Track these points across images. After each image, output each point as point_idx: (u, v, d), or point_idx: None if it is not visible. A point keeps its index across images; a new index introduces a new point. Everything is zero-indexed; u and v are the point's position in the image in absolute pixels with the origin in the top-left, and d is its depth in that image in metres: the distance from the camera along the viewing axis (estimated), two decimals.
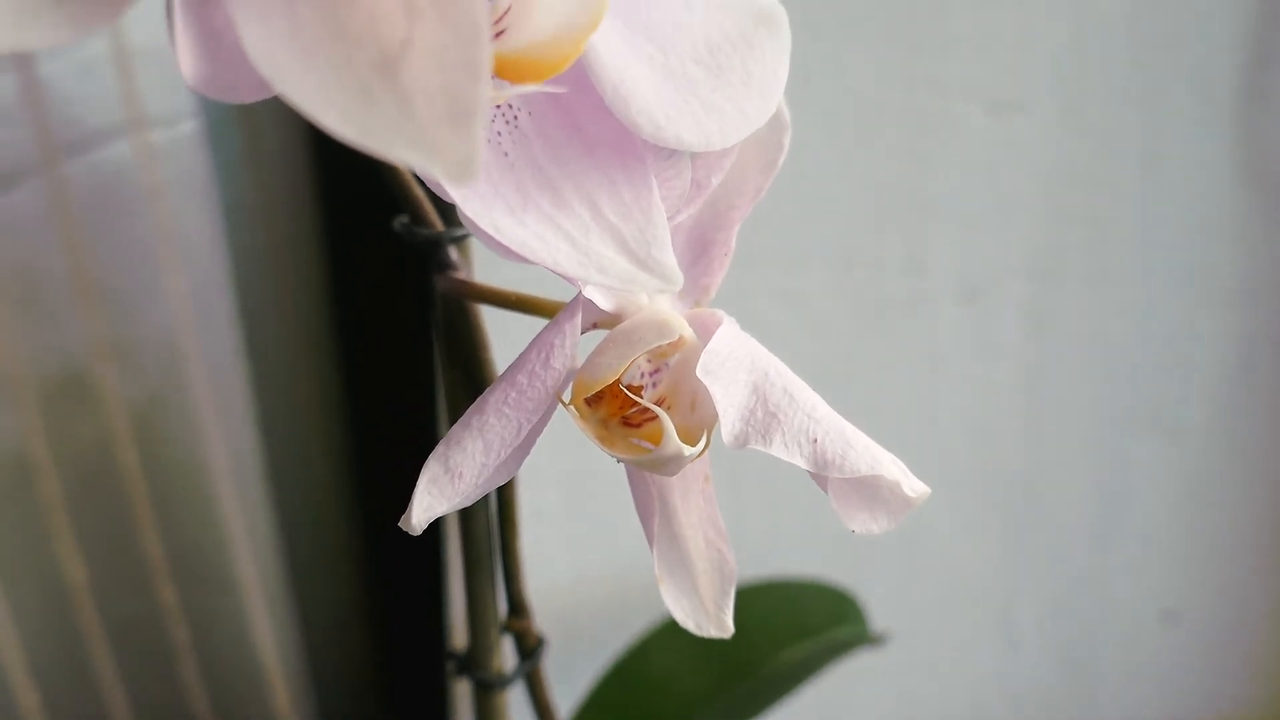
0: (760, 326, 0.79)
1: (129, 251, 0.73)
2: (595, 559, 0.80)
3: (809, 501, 0.38)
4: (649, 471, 0.32)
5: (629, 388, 0.32)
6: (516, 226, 0.27)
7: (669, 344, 0.31)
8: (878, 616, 0.71)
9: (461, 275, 0.37)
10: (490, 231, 0.26)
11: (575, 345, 0.31)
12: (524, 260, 0.27)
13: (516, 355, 0.32)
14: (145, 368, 0.75)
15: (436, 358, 0.41)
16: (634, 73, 0.27)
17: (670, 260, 0.28)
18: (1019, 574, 0.96)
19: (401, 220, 0.39)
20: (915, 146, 0.79)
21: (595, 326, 0.33)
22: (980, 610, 0.97)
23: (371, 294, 0.77)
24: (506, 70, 0.25)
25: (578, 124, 0.28)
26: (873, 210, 0.80)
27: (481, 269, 0.39)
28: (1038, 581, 0.97)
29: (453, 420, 0.38)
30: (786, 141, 0.33)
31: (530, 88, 0.24)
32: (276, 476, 0.79)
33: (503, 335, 0.38)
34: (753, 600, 0.63)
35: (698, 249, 0.34)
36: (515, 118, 0.28)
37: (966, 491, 0.91)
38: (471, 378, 0.37)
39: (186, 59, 0.21)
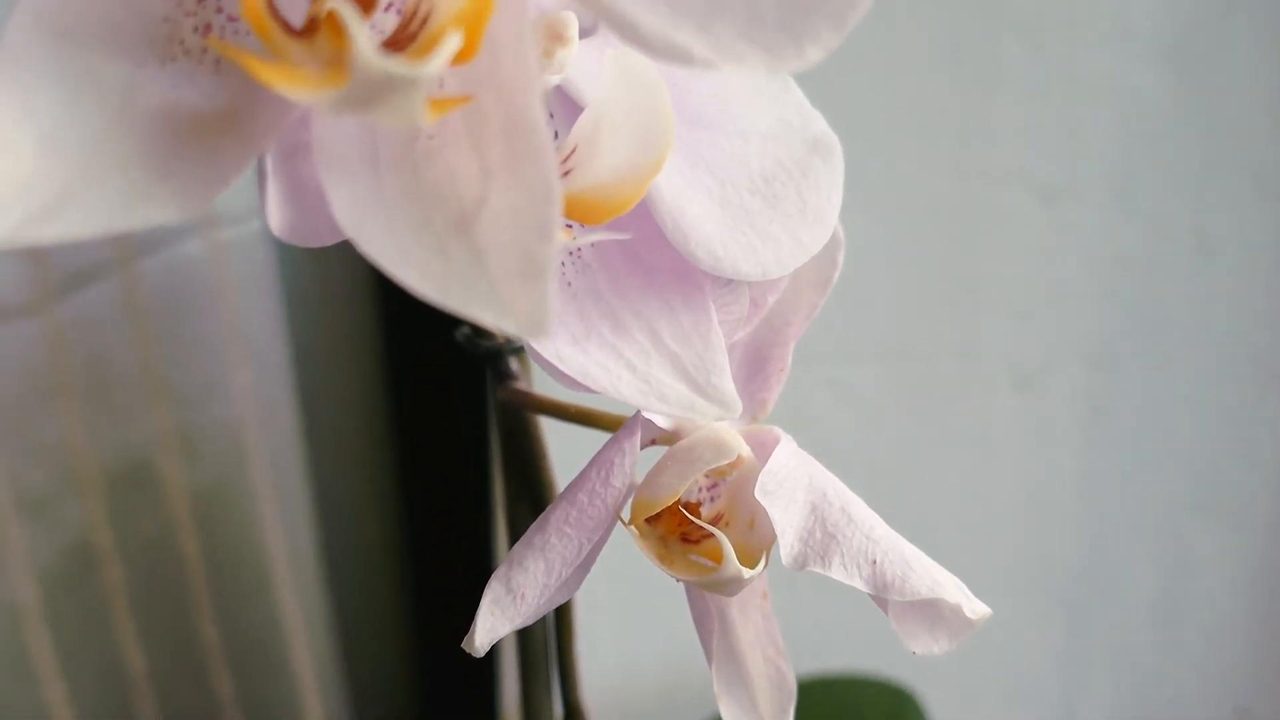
0: (811, 417, 0.79)
1: (196, 345, 0.76)
2: (648, 650, 0.80)
3: (865, 595, 0.38)
4: (708, 591, 0.33)
5: (687, 505, 0.32)
6: (579, 355, 0.27)
7: (727, 463, 0.32)
8: (938, 713, 0.69)
9: (521, 386, 0.38)
10: (554, 361, 0.27)
11: (634, 463, 0.32)
12: (585, 389, 0.28)
13: (576, 466, 0.32)
14: (208, 458, 0.77)
15: (491, 455, 0.41)
16: (692, 205, 0.28)
17: (729, 388, 0.28)
18: (1082, 669, 0.93)
19: (463, 331, 0.40)
20: (965, 235, 0.79)
21: (654, 443, 0.34)
22: (1043, 707, 0.94)
23: (429, 390, 0.78)
24: (571, 209, 0.26)
25: (638, 252, 0.29)
26: (923, 299, 0.80)
27: (541, 380, 0.40)
28: (1102, 677, 0.94)
29: (511, 527, 0.39)
30: (841, 258, 0.34)
31: (595, 236, 0.25)
32: (333, 569, 0.80)
33: (561, 444, 0.39)
34: (811, 698, 0.62)
35: (754, 365, 0.35)
36: (579, 248, 0.29)
37: (1026, 583, 0.89)
38: (531, 488, 0.38)
39: (274, 210, 0.22)
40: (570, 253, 0.29)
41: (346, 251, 0.22)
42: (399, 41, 0.20)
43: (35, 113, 0.18)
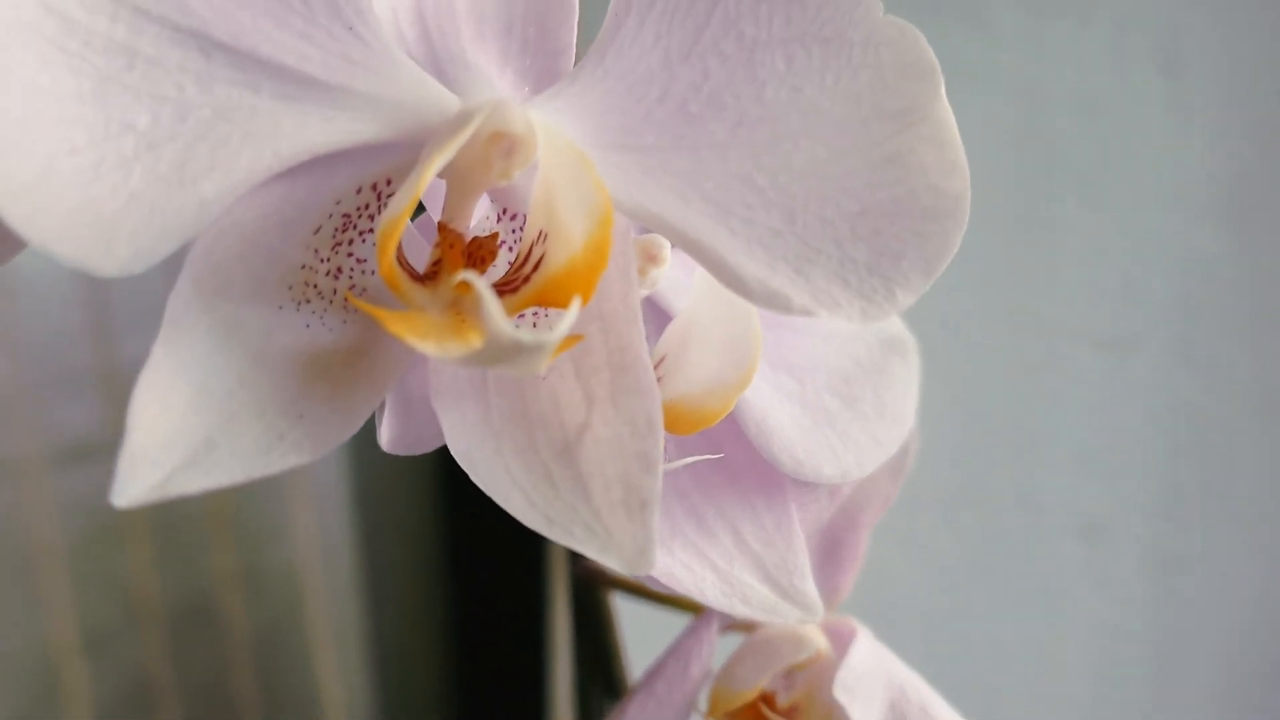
0: (872, 569, 0.78)
1: (260, 486, 0.77)
2: None
3: None
4: None
5: (763, 696, 0.32)
6: (665, 556, 0.28)
7: (805, 658, 0.32)
8: None
9: (597, 564, 0.38)
10: None
11: (712, 653, 0.32)
12: (668, 589, 0.28)
13: (645, 642, 0.33)
14: (267, 598, 0.78)
15: (547, 621, 0.41)
16: (775, 408, 0.29)
17: (811, 591, 0.28)
18: None
19: None
20: (1027, 385, 0.79)
21: (730, 629, 0.34)
22: None
23: (489, 547, 0.79)
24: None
25: (723, 459, 0.30)
26: (986, 448, 0.80)
27: None
28: None
29: (581, 707, 0.38)
30: (914, 448, 0.34)
31: (691, 459, 0.26)
32: (387, 712, 0.80)
33: (630, 620, 0.39)
34: None
35: (828, 551, 0.35)
36: (665, 450, 0.29)
37: None
38: (603, 666, 0.38)
39: (385, 426, 0.24)
40: None
41: None
42: (512, 283, 0.22)
43: (187, 367, 0.19)
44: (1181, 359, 0.82)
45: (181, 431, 0.19)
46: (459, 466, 0.25)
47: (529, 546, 0.73)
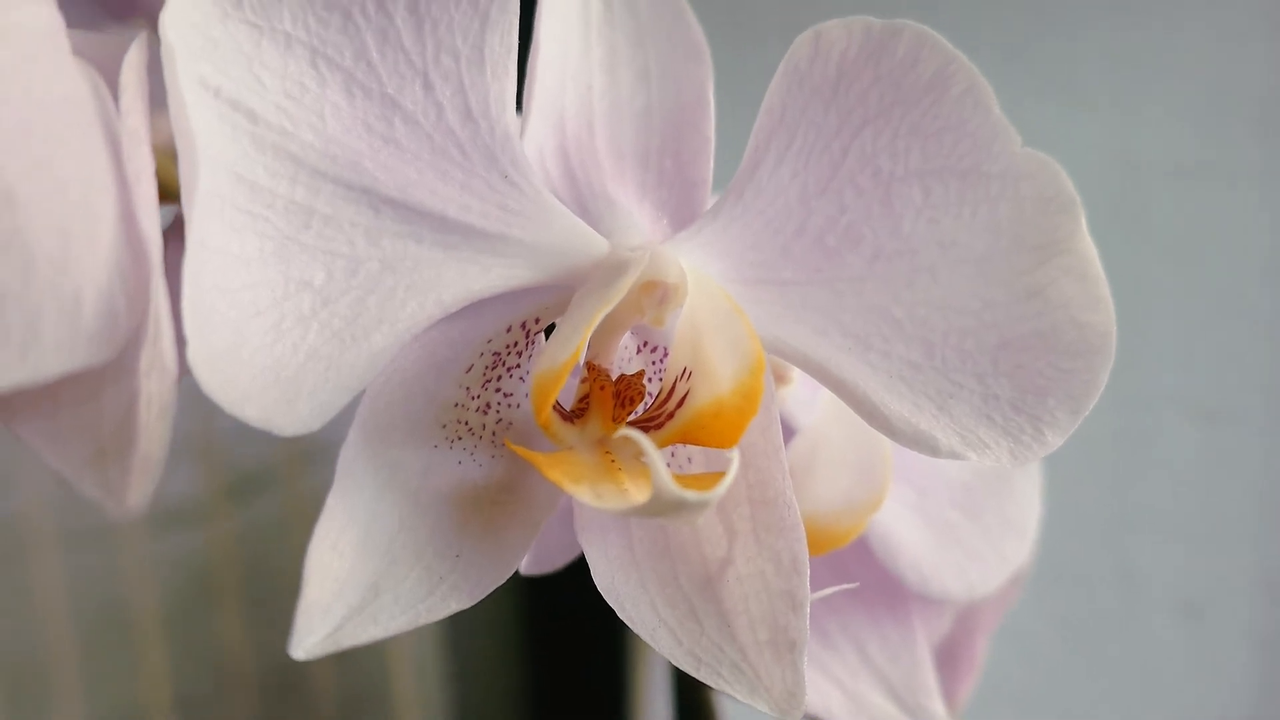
0: None
1: None
2: None
3: None
4: None
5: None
6: None
7: None
8: None
9: None
10: None
11: None
12: None
13: None
14: (355, 665, 0.79)
15: (626, 687, 0.41)
16: (898, 522, 0.29)
17: (940, 709, 0.28)
18: None
19: None
20: (1123, 458, 0.77)
21: None
22: None
23: (570, 618, 0.79)
24: None
25: (845, 567, 0.29)
26: (1079, 523, 0.78)
27: None
28: None
29: None
30: (1030, 558, 0.34)
31: (827, 591, 0.26)
32: None
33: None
34: None
35: (945, 659, 0.34)
36: None
37: None
38: None
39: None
40: None
41: None
42: (656, 419, 0.22)
43: (355, 514, 0.20)
44: None
45: (350, 579, 0.20)
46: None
47: (610, 626, 0.73)
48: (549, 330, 0.23)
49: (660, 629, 0.21)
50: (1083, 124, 0.75)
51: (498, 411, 0.22)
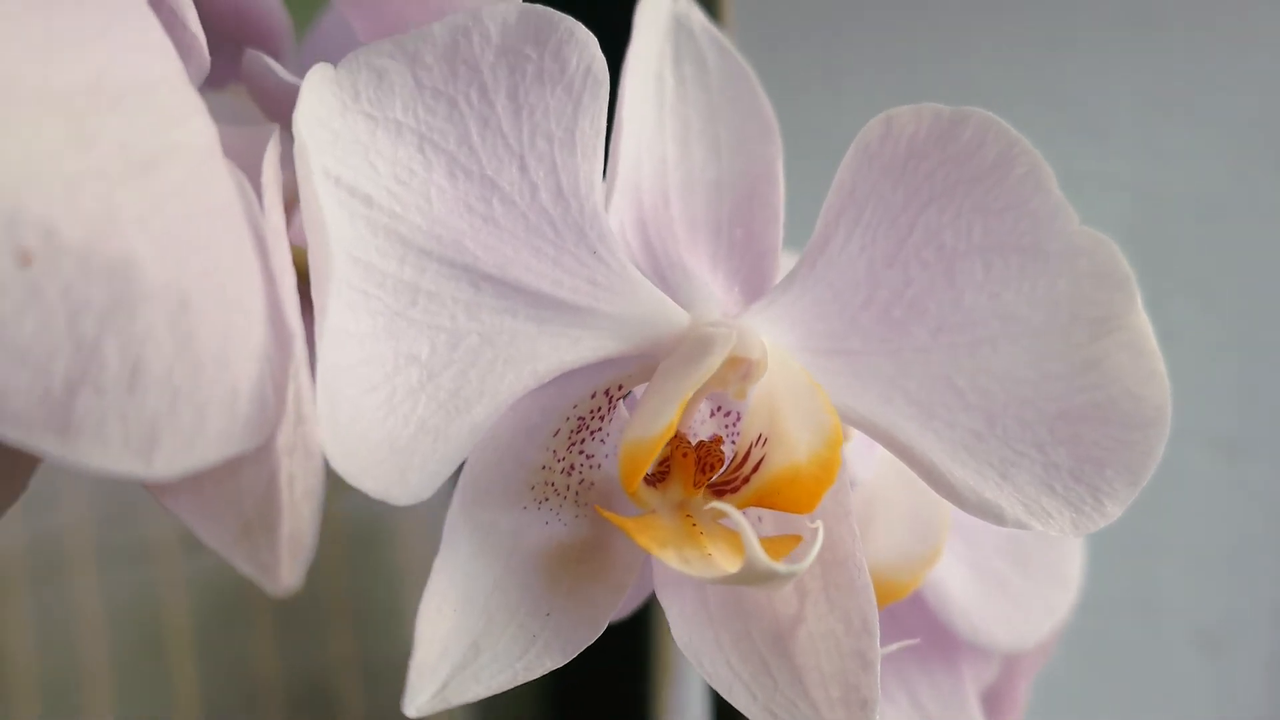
0: None
1: (380, 577, 0.80)
2: None
3: None
4: None
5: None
6: None
7: None
8: None
9: None
10: None
11: None
12: None
13: None
14: (382, 684, 0.80)
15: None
16: (949, 572, 0.30)
17: None
18: None
19: None
20: (1143, 489, 0.78)
21: None
22: None
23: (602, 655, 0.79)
24: None
25: (898, 614, 0.30)
26: (1097, 553, 0.79)
27: None
28: None
29: None
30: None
31: (896, 647, 0.27)
32: None
33: None
34: None
35: (989, 703, 0.35)
36: None
37: None
38: None
39: None
40: None
41: None
42: (731, 483, 0.23)
43: (455, 576, 0.21)
44: None
45: (452, 639, 0.21)
46: None
47: (635, 645, 0.73)
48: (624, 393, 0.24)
49: (736, 684, 0.22)
50: (1111, 160, 0.76)
51: (580, 472, 0.23)
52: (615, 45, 0.24)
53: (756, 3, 0.62)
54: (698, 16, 0.26)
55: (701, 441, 0.23)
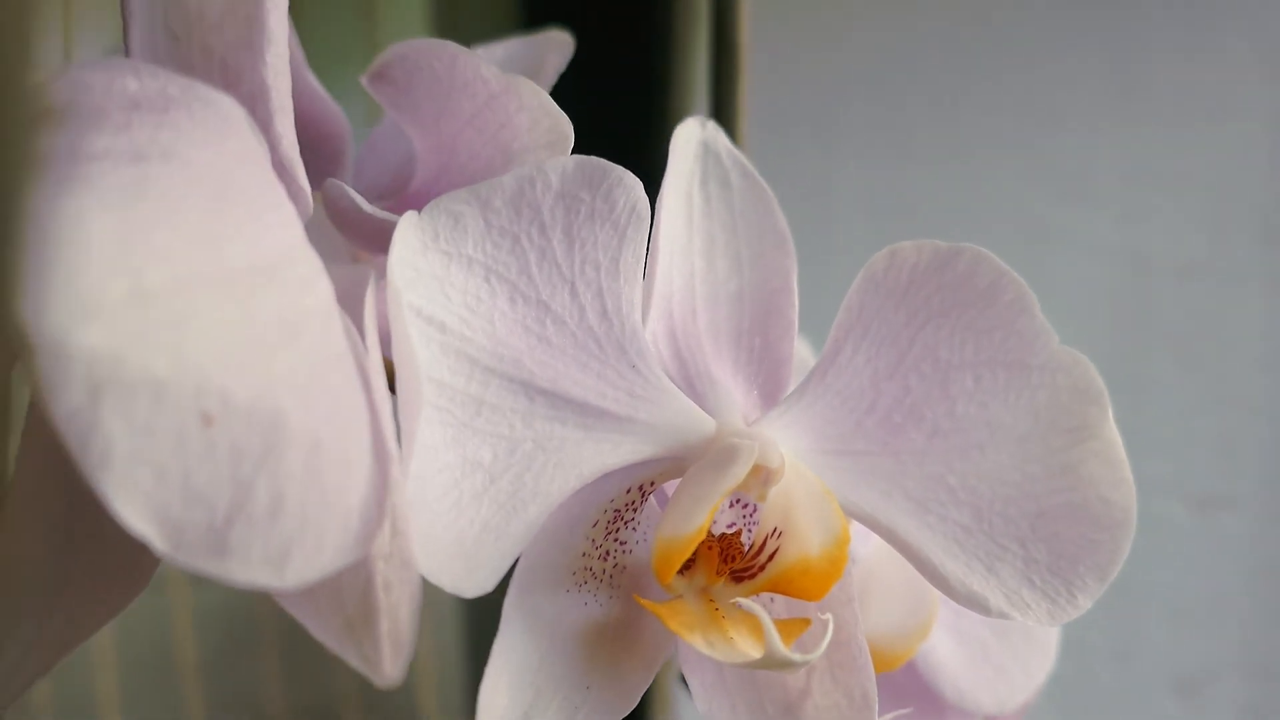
0: None
1: None
2: None
3: None
4: None
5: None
6: None
7: None
8: None
9: None
10: None
11: None
12: None
13: None
14: (385, 714, 0.82)
15: None
16: (939, 642, 0.33)
17: None
18: None
19: None
20: None
21: None
22: None
23: None
24: None
25: (891, 677, 0.33)
26: None
27: None
28: None
29: None
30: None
31: (892, 716, 0.30)
32: None
33: None
34: None
35: None
36: None
37: None
38: None
39: None
40: None
41: None
42: (748, 570, 0.26)
43: (509, 654, 0.24)
44: (1276, 518, 0.83)
45: (508, 711, 0.24)
46: None
47: None
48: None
49: None
50: (1094, 223, 0.80)
51: (614, 558, 0.26)
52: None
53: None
54: (723, 141, 0.30)
55: (724, 534, 0.26)
